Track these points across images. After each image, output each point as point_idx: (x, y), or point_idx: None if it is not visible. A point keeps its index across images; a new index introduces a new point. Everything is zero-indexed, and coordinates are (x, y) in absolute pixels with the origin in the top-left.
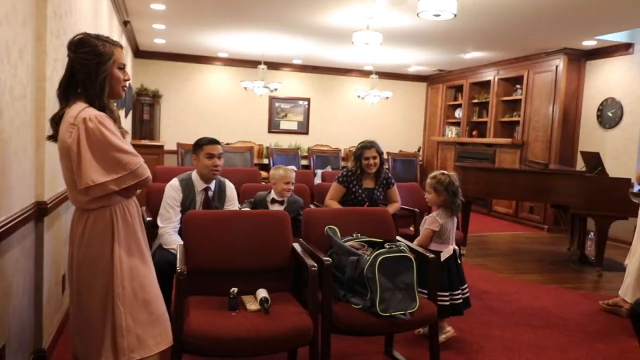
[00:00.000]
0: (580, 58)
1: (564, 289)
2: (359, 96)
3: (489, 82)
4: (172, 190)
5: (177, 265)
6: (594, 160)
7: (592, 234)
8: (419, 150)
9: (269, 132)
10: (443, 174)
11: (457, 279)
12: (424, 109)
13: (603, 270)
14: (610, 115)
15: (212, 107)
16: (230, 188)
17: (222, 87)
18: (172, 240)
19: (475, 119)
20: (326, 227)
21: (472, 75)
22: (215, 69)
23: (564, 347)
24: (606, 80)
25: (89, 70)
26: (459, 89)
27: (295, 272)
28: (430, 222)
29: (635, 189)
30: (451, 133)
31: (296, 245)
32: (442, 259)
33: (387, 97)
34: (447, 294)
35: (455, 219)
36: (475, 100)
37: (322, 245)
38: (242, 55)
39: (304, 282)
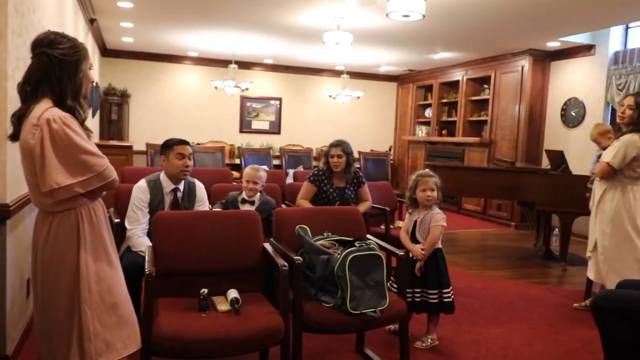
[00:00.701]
0: (544, 59)
1: (530, 284)
2: (330, 96)
3: (457, 82)
4: (140, 191)
5: (146, 266)
6: (558, 158)
7: (557, 230)
8: (390, 150)
9: (241, 132)
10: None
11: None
12: (394, 108)
13: (567, 265)
14: (573, 114)
15: (182, 106)
16: (200, 188)
17: (193, 86)
18: (141, 242)
19: (444, 118)
20: (297, 227)
21: (442, 76)
22: (185, 68)
23: (530, 340)
24: (569, 80)
25: (67, 68)
26: (428, 88)
27: (267, 272)
28: (439, 219)
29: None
30: (421, 132)
31: (267, 245)
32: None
33: (359, 97)
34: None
35: None
36: (445, 100)
37: (293, 245)
38: (213, 55)
39: (275, 282)
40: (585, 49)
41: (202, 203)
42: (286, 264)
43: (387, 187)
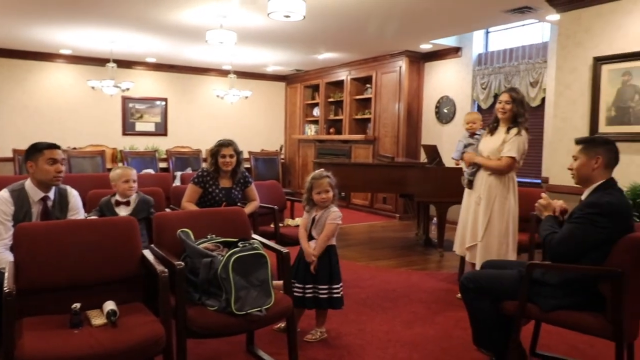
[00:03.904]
0: (419, 60)
1: (412, 271)
2: (218, 96)
3: (342, 81)
4: (2, 203)
5: (5, 284)
6: (433, 152)
7: (435, 219)
8: (280, 149)
9: (124, 134)
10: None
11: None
12: (284, 108)
13: (444, 250)
14: (445, 111)
15: (55, 108)
16: (73, 195)
17: (67, 86)
18: (2, 258)
19: (332, 117)
20: (178, 231)
21: (327, 75)
22: (57, 67)
23: (410, 323)
24: (441, 80)
25: None
26: (315, 88)
27: (148, 280)
28: (335, 217)
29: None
30: (310, 131)
31: (146, 252)
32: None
33: (247, 97)
34: (326, 286)
35: None
36: (331, 99)
37: (176, 250)
38: (89, 53)
39: (157, 289)
40: (454, 51)
41: (77, 211)
42: (166, 270)
43: (275, 186)
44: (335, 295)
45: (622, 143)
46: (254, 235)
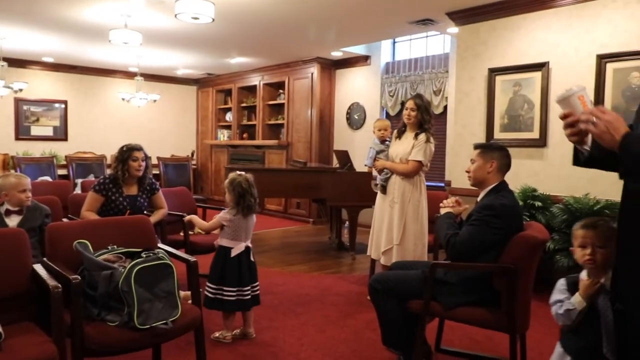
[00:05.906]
0: (330, 67)
1: (325, 275)
2: (123, 99)
3: (255, 86)
4: None
5: None
6: (344, 157)
7: (347, 222)
8: (192, 155)
9: (17, 139)
10: (239, 174)
11: (248, 275)
12: (195, 112)
13: (356, 253)
14: (356, 117)
15: None
16: None
17: None
18: None
19: (245, 122)
20: (75, 242)
21: (240, 80)
22: None
23: (323, 327)
24: (352, 87)
25: None
26: (228, 93)
27: (40, 296)
28: (221, 215)
29: (377, 180)
30: (223, 136)
31: (38, 267)
32: (233, 254)
33: (155, 100)
34: (235, 289)
35: (252, 218)
36: (244, 104)
37: (72, 264)
38: None
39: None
40: (363, 59)
41: None
42: (59, 285)
43: (185, 192)
44: (243, 298)
45: (514, 148)
46: (160, 245)
